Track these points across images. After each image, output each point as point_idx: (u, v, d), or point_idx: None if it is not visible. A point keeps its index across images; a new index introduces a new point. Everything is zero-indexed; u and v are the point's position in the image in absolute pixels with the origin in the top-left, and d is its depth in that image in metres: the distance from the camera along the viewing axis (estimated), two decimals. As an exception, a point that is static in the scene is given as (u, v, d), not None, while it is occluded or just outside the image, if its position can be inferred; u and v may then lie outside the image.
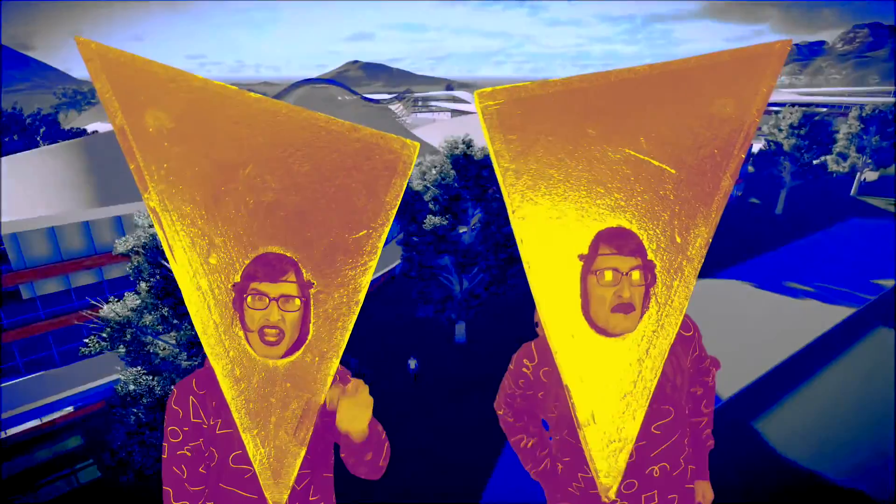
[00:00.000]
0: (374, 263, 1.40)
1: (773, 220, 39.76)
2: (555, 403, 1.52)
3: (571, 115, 1.34)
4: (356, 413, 1.28)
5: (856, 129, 44.24)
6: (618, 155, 1.34)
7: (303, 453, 1.30)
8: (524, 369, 1.57)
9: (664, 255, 1.35)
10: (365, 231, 1.39)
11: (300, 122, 1.36)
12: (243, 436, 1.29)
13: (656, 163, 1.34)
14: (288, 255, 1.35)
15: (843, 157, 45.15)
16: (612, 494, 1.30)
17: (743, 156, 1.35)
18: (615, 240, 1.32)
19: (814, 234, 36.97)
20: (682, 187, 1.34)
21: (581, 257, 1.34)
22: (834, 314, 24.47)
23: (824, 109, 55.93)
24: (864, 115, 43.93)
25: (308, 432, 1.32)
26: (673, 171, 1.35)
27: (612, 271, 1.30)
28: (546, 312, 1.34)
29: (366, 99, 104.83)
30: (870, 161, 44.14)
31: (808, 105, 51.73)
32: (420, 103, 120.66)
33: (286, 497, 1.28)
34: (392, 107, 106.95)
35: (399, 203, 1.42)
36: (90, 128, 60.95)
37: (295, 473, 1.30)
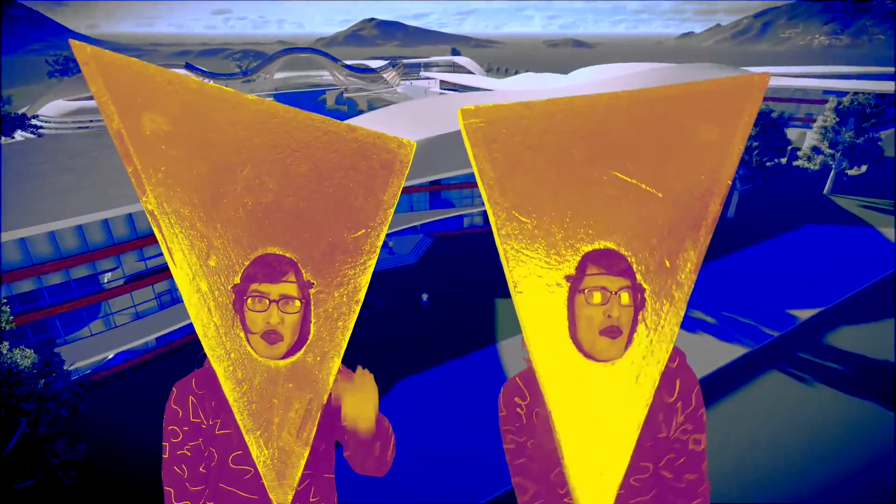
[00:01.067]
0: (373, 262, 1.41)
1: (719, 228, 36.89)
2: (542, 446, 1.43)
3: (556, 137, 1.35)
4: (363, 405, 1.32)
5: (831, 122, 40.39)
6: (604, 177, 1.34)
7: (306, 454, 1.31)
8: (518, 409, 1.48)
9: (654, 278, 1.34)
10: (363, 230, 1.41)
11: (297, 123, 1.38)
12: (246, 437, 1.31)
13: (644, 186, 1.34)
14: (287, 255, 1.36)
15: (818, 151, 41.53)
16: None
17: (729, 182, 1.35)
18: (603, 260, 1.31)
19: (753, 246, 33.57)
20: (669, 212, 1.34)
21: (568, 278, 1.33)
22: (722, 355, 22.48)
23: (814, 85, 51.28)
24: (841, 107, 39.95)
25: (311, 433, 1.32)
26: (660, 195, 1.35)
27: (600, 291, 1.29)
28: (532, 335, 1.32)
29: (351, 69, 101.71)
30: (843, 159, 40.46)
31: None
32: (422, 69, 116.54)
33: (290, 498, 1.28)
34: (385, 75, 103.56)
35: (397, 201, 1.44)
36: (46, 109, 60.01)
37: (299, 474, 1.30)
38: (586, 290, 1.29)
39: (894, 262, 30.67)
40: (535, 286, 1.32)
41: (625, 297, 1.28)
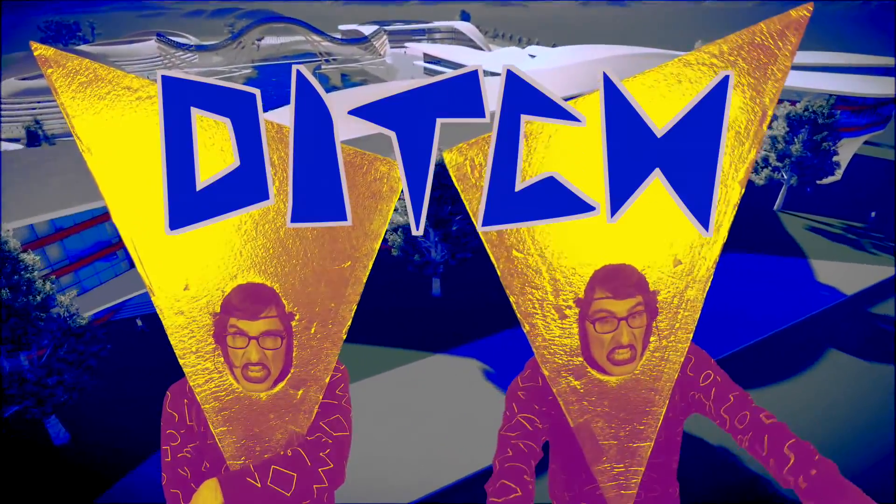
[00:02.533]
0: (357, 297, 1.38)
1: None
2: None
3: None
4: None
5: (781, 131, 35.18)
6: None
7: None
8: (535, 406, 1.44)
9: (668, 281, 1.33)
10: (349, 262, 1.38)
11: (278, 142, 1.34)
12: (230, 465, 1.34)
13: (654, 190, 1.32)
14: (268, 284, 1.35)
15: (766, 162, 36.52)
16: None
17: (754, 156, 1.30)
18: (611, 282, 1.29)
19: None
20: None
21: (577, 302, 1.35)
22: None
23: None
24: (793, 115, 34.62)
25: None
26: (669, 188, 1.31)
27: (608, 320, 1.28)
28: (543, 352, 1.37)
29: (337, 39, 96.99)
30: (793, 174, 35.41)
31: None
32: (425, 35, 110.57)
33: None
34: (375, 42, 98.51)
35: (385, 230, 1.41)
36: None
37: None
38: (594, 319, 1.29)
39: (816, 304, 26.62)
40: (542, 314, 1.35)
41: (635, 321, 1.27)
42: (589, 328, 1.31)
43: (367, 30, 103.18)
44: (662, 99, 1.31)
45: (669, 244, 1.34)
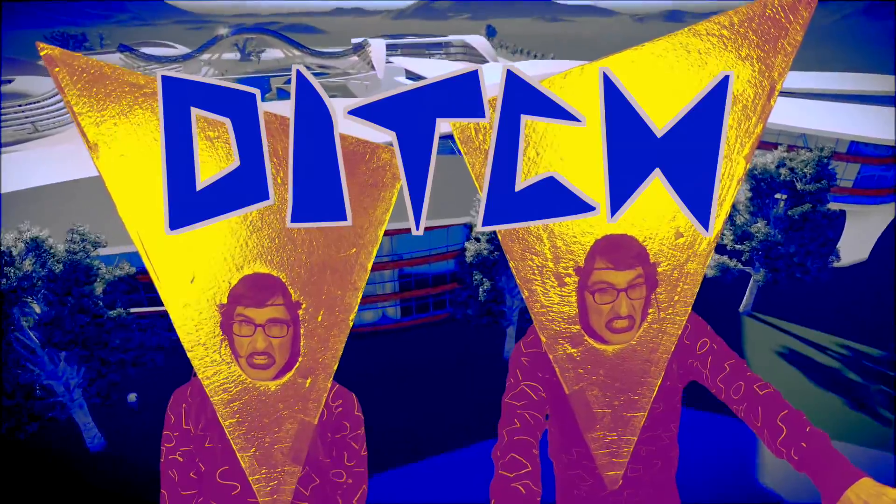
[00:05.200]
0: (363, 283, 1.39)
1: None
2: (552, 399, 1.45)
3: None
4: None
5: (742, 199, 22.55)
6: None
7: (298, 471, 1.33)
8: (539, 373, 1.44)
9: (669, 253, 1.33)
10: (354, 249, 1.39)
11: (281, 133, 1.34)
12: (240, 456, 1.33)
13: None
14: (274, 273, 1.36)
15: (719, 247, 23.57)
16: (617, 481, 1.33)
17: (760, 131, 1.31)
18: (612, 253, 1.30)
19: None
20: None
21: (577, 271, 1.34)
22: None
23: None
24: (758, 173, 21.90)
25: (303, 452, 1.34)
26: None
27: (607, 291, 1.28)
28: (542, 318, 1.37)
29: (315, 53, 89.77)
30: (759, 266, 22.42)
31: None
32: (442, 50, 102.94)
33: None
34: (356, 57, 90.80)
35: (389, 217, 1.41)
36: None
37: (291, 490, 1.33)
38: (594, 289, 1.29)
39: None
40: (541, 281, 1.34)
41: (634, 293, 1.27)
42: (588, 297, 1.31)
43: (377, 43, 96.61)
44: (670, 70, 1.31)
45: (672, 216, 1.35)
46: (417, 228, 1.30)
